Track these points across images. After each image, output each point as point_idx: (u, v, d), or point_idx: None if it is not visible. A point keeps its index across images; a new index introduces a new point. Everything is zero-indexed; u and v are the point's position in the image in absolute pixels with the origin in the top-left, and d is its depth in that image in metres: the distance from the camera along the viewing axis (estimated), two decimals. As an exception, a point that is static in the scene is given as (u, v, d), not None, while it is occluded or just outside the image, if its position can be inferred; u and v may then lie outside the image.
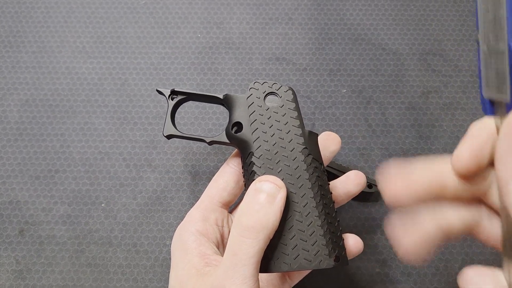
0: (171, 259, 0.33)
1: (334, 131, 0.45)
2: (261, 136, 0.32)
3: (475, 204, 0.25)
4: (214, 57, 0.48)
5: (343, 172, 0.38)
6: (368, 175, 0.43)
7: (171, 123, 0.35)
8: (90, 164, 0.44)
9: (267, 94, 0.34)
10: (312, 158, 0.32)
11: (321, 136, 0.35)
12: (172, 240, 0.34)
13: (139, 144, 0.45)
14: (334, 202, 0.33)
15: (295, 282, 0.36)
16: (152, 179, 0.44)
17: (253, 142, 0.32)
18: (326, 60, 0.48)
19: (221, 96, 0.35)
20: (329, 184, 0.33)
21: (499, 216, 0.24)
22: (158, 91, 0.36)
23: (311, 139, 0.33)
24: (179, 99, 0.36)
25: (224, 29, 0.49)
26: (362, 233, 0.42)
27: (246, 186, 0.32)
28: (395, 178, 0.25)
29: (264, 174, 0.31)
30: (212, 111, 0.46)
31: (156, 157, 0.44)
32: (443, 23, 0.50)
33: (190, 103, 0.45)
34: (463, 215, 0.24)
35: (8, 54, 0.48)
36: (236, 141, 0.33)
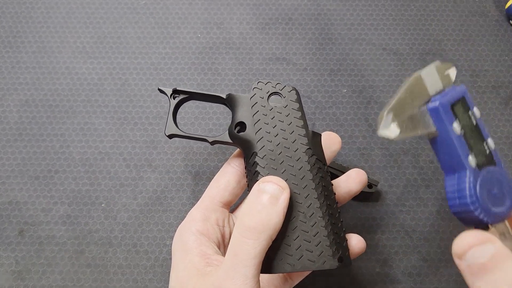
0: (171, 259, 0.33)
1: (334, 131, 0.45)
2: (264, 136, 0.32)
3: None
4: (214, 57, 0.48)
5: (343, 172, 0.38)
6: (369, 175, 0.43)
7: (173, 122, 0.35)
8: (90, 164, 0.44)
9: (271, 94, 0.33)
10: (316, 158, 0.32)
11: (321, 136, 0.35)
12: (172, 240, 0.34)
13: (139, 144, 0.45)
14: (337, 202, 0.32)
15: (296, 283, 0.36)
16: (152, 179, 0.44)
17: (256, 142, 0.32)
18: (326, 60, 0.48)
19: (224, 96, 0.35)
20: (332, 185, 0.33)
21: None
22: (160, 90, 0.35)
23: (315, 140, 0.33)
24: (181, 98, 0.35)
25: (224, 29, 0.49)
26: (362, 233, 0.42)
27: (249, 186, 0.32)
28: None
29: (268, 174, 0.31)
30: (212, 111, 0.46)
31: (156, 157, 0.44)
32: (443, 23, 0.50)
33: (191, 102, 0.45)
34: None
35: (8, 54, 0.48)
36: (239, 141, 0.33)
